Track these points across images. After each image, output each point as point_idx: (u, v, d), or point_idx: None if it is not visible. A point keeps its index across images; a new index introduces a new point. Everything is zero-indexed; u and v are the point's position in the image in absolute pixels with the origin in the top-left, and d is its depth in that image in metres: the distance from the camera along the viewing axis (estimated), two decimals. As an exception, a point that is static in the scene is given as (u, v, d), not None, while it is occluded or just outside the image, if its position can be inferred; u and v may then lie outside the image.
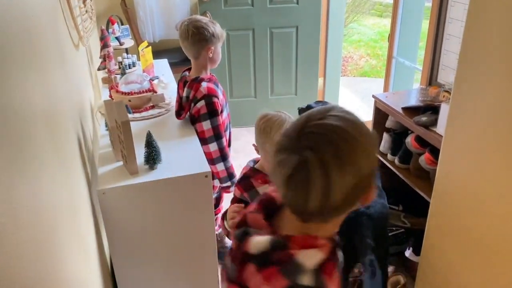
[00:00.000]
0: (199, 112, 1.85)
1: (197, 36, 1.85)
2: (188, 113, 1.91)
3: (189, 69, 2.00)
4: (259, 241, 0.77)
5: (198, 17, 1.92)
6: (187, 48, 1.90)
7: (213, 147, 1.89)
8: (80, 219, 1.25)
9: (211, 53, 1.89)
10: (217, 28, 1.89)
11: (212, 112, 1.85)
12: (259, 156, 1.57)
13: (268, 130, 1.43)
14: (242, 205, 1.43)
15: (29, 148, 0.79)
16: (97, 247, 1.46)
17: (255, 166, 1.59)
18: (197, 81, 1.87)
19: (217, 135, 1.88)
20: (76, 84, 1.70)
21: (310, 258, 0.72)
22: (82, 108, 1.75)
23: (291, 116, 1.37)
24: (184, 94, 1.91)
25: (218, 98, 1.87)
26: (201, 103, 1.84)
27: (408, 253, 2.06)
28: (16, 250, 0.62)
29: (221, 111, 1.90)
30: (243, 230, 0.83)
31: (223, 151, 1.90)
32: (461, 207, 1.37)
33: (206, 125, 1.86)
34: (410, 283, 1.93)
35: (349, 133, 0.69)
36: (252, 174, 1.54)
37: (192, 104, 1.87)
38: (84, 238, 1.26)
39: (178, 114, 1.94)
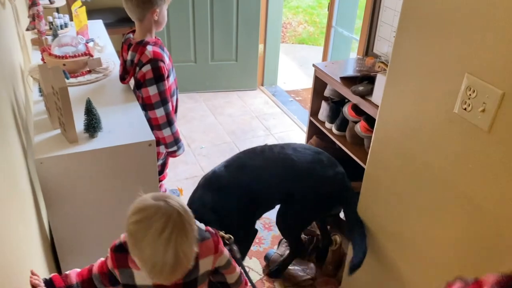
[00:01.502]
0: (144, 76, 1.80)
1: None
2: (132, 77, 1.85)
3: (133, 31, 1.91)
4: None
5: None
6: (131, 10, 1.80)
7: (159, 112, 1.84)
8: (20, 189, 1.20)
9: (156, 15, 1.82)
10: None
11: (159, 77, 1.80)
12: None
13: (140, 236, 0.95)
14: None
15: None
16: (36, 217, 1.41)
17: None
18: (142, 44, 1.80)
19: (163, 100, 1.83)
20: (4, 46, 1.58)
21: None
22: (13, 72, 1.63)
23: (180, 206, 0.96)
24: (129, 58, 1.83)
25: (164, 63, 1.82)
26: (147, 68, 1.78)
27: (343, 214, 2.20)
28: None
29: (168, 76, 1.86)
30: None
31: (169, 116, 1.87)
32: (394, 172, 1.48)
33: (152, 90, 1.81)
34: (345, 244, 2.07)
35: None
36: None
37: (137, 68, 1.81)
38: (25, 209, 1.22)
39: (122, 79, 1.88)
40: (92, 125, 1.50)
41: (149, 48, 1.79)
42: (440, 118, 1.23)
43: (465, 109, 1.14)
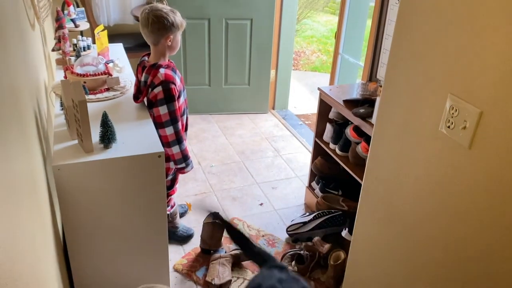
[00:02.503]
0: (156, 97, 1.93)
1: (157, 24, 1.92)
2: (145, 97, 1.99)
3: (148, 54, 2.07)
4: None
5: (159, 5, 1.97)
6: (147, 35, 1.97)
7: (169, 130, 1.97)
8: (39, 193, 1.31)
9: (170, 41, 1.97)
10: (177, 18, 1.96)
11: (169, 98, 1.93)
12: None
13: None
14: None
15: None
16: (51, 222, 1.52)
17: None
18: (155, 67, 1.95)
19: (173, 119, 1.96)
20: (32, 64, 1.73)
21: None
22: (38, 87, 1.78)
23: None
24: (143, 79, 1.98)
25: (175, 84, 1.95)
26: (158, 89, 1.92)
27: (344, 233, 2.26)
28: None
29: (178, 97, 2.00)
30: None
31: (179, 134, 2.00)
32: (386, 190, 1.56)
33: (162, 109, 1.94)
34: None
35: None
36: None
37: (150, 89, 1.95)
38: (42, 212, 1.33)
39: (136, 98, 2.02)
40: (107, 137, 1.63)
41: (162, 70, 1.93)
42: (427, 136, 1.32)
43: (448, 127, 1.23)
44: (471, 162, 1.18)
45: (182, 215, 2.59)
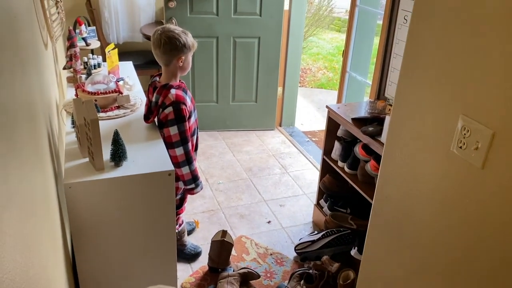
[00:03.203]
0: (167, 117, 1.94)
1: (169, 45, 1.93)
2: (156, 117, 2.01)
3: (159, 75, 2.09)
4: None
5: (172, 27, 2.00)
6: (159, 56, 1.98)
7: (179, 151, 1.97)
8: (52, 212, 1.32)
9: (181, 62, 1.99)
10: (189, 39, 1.98)
11: (180, 118, 1.94)
12: None
13: None
14: None
15: (16, 140, 0.88)
16: (62, 240, 1.52)
17: None
18: (167, 87, 1.97)
19: (183, 140, 1.96)
20: (45, 82, 1.76)
21: None
22: (50, 105, 1.80)
23: None
24: (154, 99, 1.99)
25: (186, 105, 1.96)
26: (169, 109, 1.93)
27: (353, 252, 2.24)
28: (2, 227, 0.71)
29: (189, 117, 2.01)
30: None
31: (189, 155, 2.00)
32: (397, 209, 1.55)
33: (173, 130, 1.94)
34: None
35: None
36: None
37: (161, 110, 1.96)
38: (55, 232, 1.33)
39: (147, 118, 2.03)
40: (118, 155, 1.64)
41: (173, 91, 1.95)
42: (439, 155, 1.31)
43: (460, 147, 1.23)
44: (484, 182, 1.17)
45: (190, 232, 2.58)
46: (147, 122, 2.02)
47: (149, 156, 1.75)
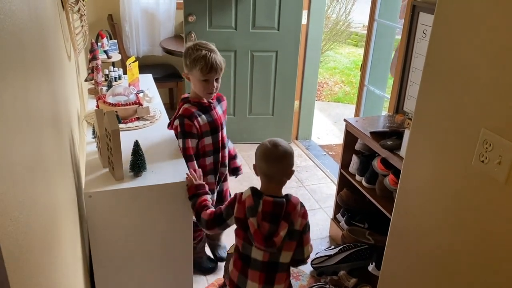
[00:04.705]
0: (176, 129, 1.98)
1: (183, 59, 1.97)
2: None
3: None
4: None
5: (201, 43, 1.97)
6: None
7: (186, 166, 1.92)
8: (73, 218, 1.34)
9: (188, 79, 2.00)
10: (193, 57, 1.91)
11: (183, 133, 1.93)
12: None
13: None
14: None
15: (44, 150, 0.90)
16: (81, 247, 1.54)
17: None
18: (183, 99, 2.01)
19: (184, 156, 1.88)
20: (68, 93, 1.80)
21: None
22: (72, 116, 1.84)
23: None
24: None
25: (191, 121, 1.93)
26: (176, 122, 1.97)
27: (371, 267, 2.21)
28: (26, 239, 0.73)
29: (201, 137, 1.98)
30: None
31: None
32: (416, 224, 1.53)
33: (180, 143, 1.95)
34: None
35: None
36: None
37: (175, 121, 2.01)
38: (73, 237, 1.35)
39: (169, 125, 2.07)
40: (138, 165, 1.66)
41: (185, 105, 1.97)
42: (460, 170, 1.30)
43: (482, 161, 1.21)
44: (507, 197, 1.15)
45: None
46: (168, 128, 2.06)
47: (167, 166, 1.76)
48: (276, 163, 1.60)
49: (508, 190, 1.15)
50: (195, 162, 1.96)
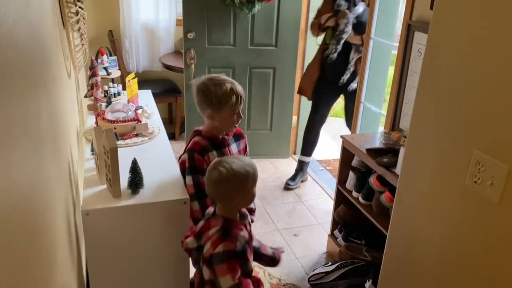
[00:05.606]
0: (184, 164, 1.84)
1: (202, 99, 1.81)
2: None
3: None
4: None
5: (214, 77, 1.81)
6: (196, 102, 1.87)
7: (194, 205, 1.80)
8: (72, 235, 1.34)
9: (211, 118, 1.82)
10: (221, 93, 1.76)
11: (193, 168, 1.80)
12: None
13: None
14: None
15: (42, 164, 0.91)
16: (77, 263, 1.54)
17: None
18: (194, 132, 1.91)
19: (197, 193, 1.78)
20: (67, 110, 1.82)
21: None
22: (70, 132, 1.86)
23: None
24: None
25: (201, 156, 1.81)
26: (185, 156, 1.85)
27: (367, 284, 2.20)
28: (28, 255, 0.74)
29: None
30: None
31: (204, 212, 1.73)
32: (412, 243, 1.53)
33: (188, 180, 1.81)
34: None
35: None
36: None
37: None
38: (71, 253, 1.36)
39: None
40: (135, 183, 1.67)
41: (196, 138, 1.86)
42: (454, 189, 1.31)
43: (475, 182, 1.22)
44: (501, 217, 1.16)
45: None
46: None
47: (164, 184, 1.77)
48: (210, 185, 1.56)
49: (502, 210, 1.16)
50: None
